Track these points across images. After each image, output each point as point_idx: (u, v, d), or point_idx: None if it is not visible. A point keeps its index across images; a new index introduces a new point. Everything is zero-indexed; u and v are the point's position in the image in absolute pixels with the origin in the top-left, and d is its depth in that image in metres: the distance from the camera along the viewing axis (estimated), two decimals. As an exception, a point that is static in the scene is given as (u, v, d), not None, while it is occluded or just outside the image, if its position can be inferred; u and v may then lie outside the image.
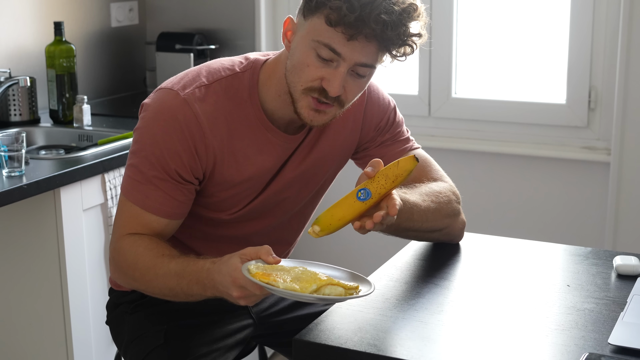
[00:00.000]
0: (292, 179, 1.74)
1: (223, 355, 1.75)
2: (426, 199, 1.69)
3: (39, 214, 2.33)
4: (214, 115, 1.63)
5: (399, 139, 1.83)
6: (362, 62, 1.55)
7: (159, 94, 1.65)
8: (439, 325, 1.45)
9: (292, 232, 1.87)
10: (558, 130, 3.01)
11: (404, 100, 3.21)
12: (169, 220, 1.64)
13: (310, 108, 1.58)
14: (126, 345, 1.79)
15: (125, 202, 1.64)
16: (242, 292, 1.44)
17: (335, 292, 1.41)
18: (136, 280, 1.63)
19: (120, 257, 1.64)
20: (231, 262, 1.46)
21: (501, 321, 1.47)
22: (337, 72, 1.54)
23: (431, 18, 3.17)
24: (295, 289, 1.40)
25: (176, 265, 1.55)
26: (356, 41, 1.52)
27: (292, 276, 1.43)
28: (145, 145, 1.62)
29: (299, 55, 1.57)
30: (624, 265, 1.65)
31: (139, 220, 1.63)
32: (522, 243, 1.86)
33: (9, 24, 2.89)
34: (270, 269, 1.43)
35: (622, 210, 2.86)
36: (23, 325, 2.43)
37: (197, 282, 1.53)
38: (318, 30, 1.53)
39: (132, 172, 1.63)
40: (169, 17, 3.49)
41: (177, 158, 1.60)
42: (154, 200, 1.61)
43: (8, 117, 2.80)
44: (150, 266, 1.58)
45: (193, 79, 1.65)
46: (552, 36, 3.06)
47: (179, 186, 1.63)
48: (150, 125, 1.62)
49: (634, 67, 2.77)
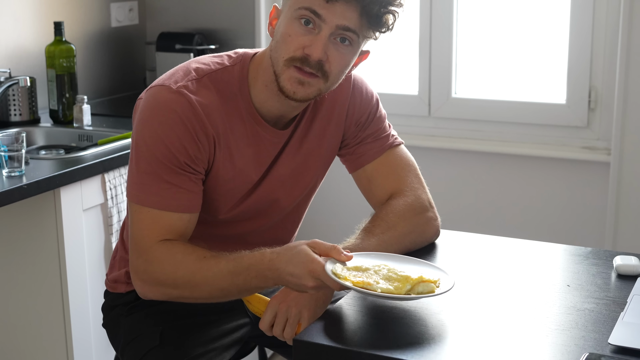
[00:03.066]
0: (284, 176, 1.74)
1: (219, 355, 1.75)
2: (383, 241, 1.68)
3: (39, 214, 2.33)
4: (208, 106, 1.62)
5: (380, 136, 1.81)
6: (343, 24, 1.55)
7: (151, 92, 1.64)
8: (439, 325, 1.45)
9: (286, 232, 1.86)
10: (558, 130, 3.01)
11: (404, 100, 3.22)
12: (189, 214, 1.62)
13: (292, 80, 1.58)
14: (123, 348, 1.79)
15: (141, 210, 1.60)
16: (318, 282, 1.47)
17: (427, 289, 1.45)
18: (177, 288, 1.59)
19: (157, 268, 1.59)
20: (303, 253, 1.49)
21: (501, 321, 1.47)
22: (318, 37, 1.56)
23: (431, 18, 3.17)
24: (391, 291, 1.43)
25: (227, 264, 1.55)
26: (336, 3, 1.53)
27: (381, 277, 1.46)
28: (148, 145, 1.60)
29: (281, 29, 1.58)
30: (624, 265, 1.65)
31: (161, 224, 1.59)
32: (522, 243, 1.86)
33: (9, 24, 2.89)
34: (355, 270, 1.47)
35: (622, 210, 2.86)
36: (23, 325, 2.43)
37: (256, 276, 1.53)
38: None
39: (139, 177, 1.60)
40: (169, 17, 3.49)
41: (183, 150, 1.59)
42: (170, 198, 1.59)
43: (8, 117, 2.80)
44: (195, 270, 1.56)
45: (184, 74, 1.64)
46: (552, 36, 3.05)
47: (191, 177, 1.61)
48: (149, 124, 1.60)
49: (634, 67, 2.77)
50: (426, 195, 1.79)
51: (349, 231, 1.73)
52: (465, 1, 3.13)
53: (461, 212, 3.13)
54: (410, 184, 1.79)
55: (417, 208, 1.76)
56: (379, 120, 1.82)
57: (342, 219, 3.31)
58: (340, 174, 1.96)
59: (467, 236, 1.89)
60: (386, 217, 1.72)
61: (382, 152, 1.80)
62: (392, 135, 1.83)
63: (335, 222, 3.32)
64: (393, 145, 1.82)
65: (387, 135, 1.82)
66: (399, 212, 1.73)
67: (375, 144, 1.80)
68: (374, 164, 1.80)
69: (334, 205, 3.31)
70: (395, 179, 1.79)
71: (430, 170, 1.99)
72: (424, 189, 1.81)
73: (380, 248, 1.66)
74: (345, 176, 1.92)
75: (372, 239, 1.67)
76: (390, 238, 1.69)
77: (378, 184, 1.79)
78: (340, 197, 3.27)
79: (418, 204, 1.76)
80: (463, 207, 3.15)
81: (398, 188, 1.78)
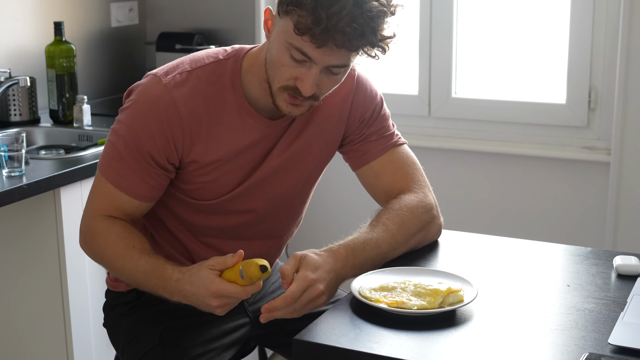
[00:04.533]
0: (277, 166, 1.75)
1: (219, 355, 1.75)
2: (394, 239, 1.70)
3: (39, 214, 2.33)
4: (193, 99, 1.67)
5: (384, 134, 1.82)
6: (333, 64, 1.57)
7: (144, 80, 1.72)
8: (439, 326, 1.45)
9: (281, 225, 1.86)
10: (558, 130, 3.01)
11: (404, 100, 3.22)
12: (140, 202, 1.70)
13: (287, 102, 1.62)
14: (123, 347, 1.80)
15: (100, 178, 1.70)
16: (222, 301, 1.53)
17: (457, 299, 1.49)
18: (103, 263, 1.72)
19: (92, 238, 1.70)
20: (203, 274, 1.54)
21: (501, 321, 1.47)
22: (309, 73, 1.57)
23: (431, 18, 3.17)
24: (426, 307, 1.46)
25: (145, 265, 1.62)
26: (326, 47, 1.53)
27: (410, 293, 1.50)
28: (123, 125, 1.68)
29: (275, 52, 1.59)
30: (624, 265, 1.65)
31: (112, 200, 1.69)
32: (522, 243, 1.86)
33: (9, 24, 2.89)
34: (382, 290, 1.52)
35: (622, 210, 2.86)
36: (23, 326, 2.43)
37: (163, 288, 1.60)
38: (289, 33, 1.55)
39: (109, 148, 1.69)
40: (169, 17, 3.49)
41: (152, 141, 1.65)
42: (127, 180, 1.67)
43: (8, 117, 2.80)
44: (119, 255, 1.65)
45: (176, 66, 1.71)
46: (552, 36, 3.05)
47: (151, 170, 1.67)
48: (131, 108, 1.69)
49: (634, 67, 2.77)
50: (431, 194, 1.81)
51: (348, 232, 1.73)
52: (465, 1, 3.13)
53: (461, 212, 3.13)
54: (418, 182, 1.81)
55: (426, 206, 1.77)
56: (384, 118, 1.83)
57: (342, 219, 3.31)
58: (340, 175, 1.97)
59: (467, 236, 1.89)
60: (400, 211, 1.73)
61: (387, 150, 1.81)
62: (396, 134, 1.84)
63: (336, 222, 3.32)
64: (398, 143, 1.83)
65: (391, 134, 1.83)
66: (411, 208, 1.74)
67: (380, 142, 1.81)
68: (380, 160, 1.80)
69: (334, 205, 3.31)
70: (404, 175, 1.80)
71: (430, 170, 1.99)
72: (429, 188, 1.82)
73: (390, 247, 1.68)
74: (345, 177, 1.92)
75: (386, 234, 1.69)
76: (401, 235, 1.71)
77: (386, 180, 1.80)
78: (340, 197, 3.27)
79: (426, 202, 1.78)
80: (463, 207, 3.15)
81: (407, 185, 1.79)
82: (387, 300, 1.48)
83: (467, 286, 1.54)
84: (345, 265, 1.60)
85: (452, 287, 1.50)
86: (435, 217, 1.80)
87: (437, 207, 1.81)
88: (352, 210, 3.24)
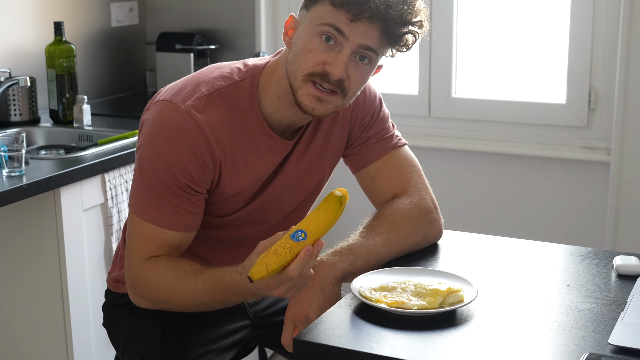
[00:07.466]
0: (289, 181, 1.74)
1: (220, 356, 1.75)
2: (387, 241, 1.70)
3: (39, 214, 2.33)
4: (216, 125, 1.62)
5: (384, 136, 1.82)
6: (364, 43, 1.56)
7: (158, 108, 1.63)
8: (439, 326, 1.45)
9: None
10: (558, 130, 3.01)
11: (404, 100, 3.22)
12: (185, 233, 1.63)
13: (311, 96, 1.58)
14: (123, 348, 1.79)
15: (139, 222, 1.62)
16: (282, 288, 1.47)
17: (457, 299, 1.49)
18: (162, 303, 1.64)
19: (142, 285, 1.63)
20: None
21: (501, 321, 1.47)
22: (340, 55, 1.56)
23: (431, 18, 3.17)
24: (426, 307, 1.46)
25: (203, 284, 1.56)
26: (359, 22, 1.53)
27: (410, 294, 1.50)
28: (152, 162, 1.60)
29: (301, 43, 1.58)
30: (624, 265, 1.65)
31: (155, 239, 1.61)
32: (522, 243, 1.86)
33: (9, 24, 2.89)
34: (382, 290, 1.52)
35: (622, 210, 2.86)
36: (23, 325, 2.43)
37: (233, 294, 1.56)
38: (322, 14, 1.55)
39: (142, 190, 1.62)
40: (169, 17, 3.49)
41: (186, 172, 1.59)
42: (169, 215, 1.60)
43: (8, 117, 2.80)
44: (175, 287, 1.59)
45: (192, 90, 1.63)
46: (552, 36, 3.06)
47: (192, 198, 1.62)
48: (155, 141, 1.60)
49: (634, 67, 2.77)
50: (430, 196, 1.80)
51: (350, 231, 1.73)
52: (465, 1, 3.13)
53: (461, 212, 3.13)
54: (415, 184, 1.79)
55: (422, 209, 1.76)
56: (383, 120, 1.82)
57: (342, 219, 3.30)
58: (341, 175, 1.96)
59: (467, 236, 1.89)
60: (391, 216, 1.72)
61: (385, 152, 1.80)
62: (395, 135, 1.84)
63: (336, 222, 3.31)
64: (397, 145, 1.82)
65: (390, 136, 1.82)
66: (403, 212, 1.74)
67: (378, 144, 1.80)
68: (377, 163, 1.80)
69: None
70: (399, 179, 1.79)
71: (430, 170, 1.99)
72: (428, 189, 1.81)
73: (384, 248, 1.67)
74: (346, 178, 1.92)
75: (376, 238, 1.68)
76: (395, 238, 1.70)
77: (382, 184, 1.79)
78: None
79: (422, 205, 1.77)
80: (463, 207, 3.15)
81: (402, 188, 1.78)
82: (387, 300, 1.48)
83: (467, 286, 1.53)
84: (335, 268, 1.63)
85: (452, 287, 1.50)
86: (433, 220, 1.79)
87: (436, 209, 1.80)
88: (351, 211, 3.24)
